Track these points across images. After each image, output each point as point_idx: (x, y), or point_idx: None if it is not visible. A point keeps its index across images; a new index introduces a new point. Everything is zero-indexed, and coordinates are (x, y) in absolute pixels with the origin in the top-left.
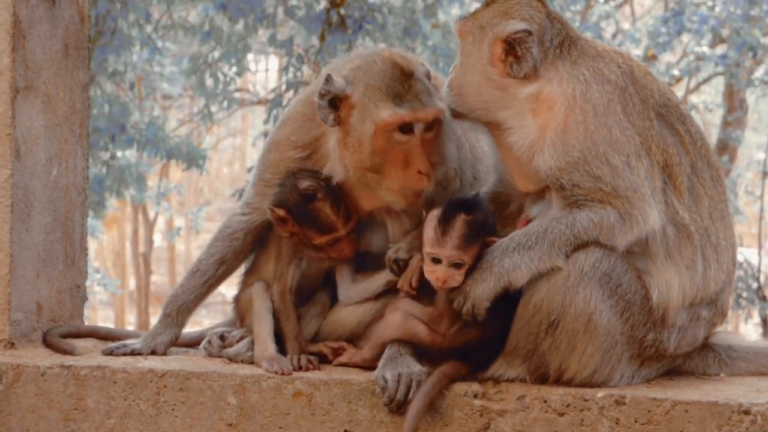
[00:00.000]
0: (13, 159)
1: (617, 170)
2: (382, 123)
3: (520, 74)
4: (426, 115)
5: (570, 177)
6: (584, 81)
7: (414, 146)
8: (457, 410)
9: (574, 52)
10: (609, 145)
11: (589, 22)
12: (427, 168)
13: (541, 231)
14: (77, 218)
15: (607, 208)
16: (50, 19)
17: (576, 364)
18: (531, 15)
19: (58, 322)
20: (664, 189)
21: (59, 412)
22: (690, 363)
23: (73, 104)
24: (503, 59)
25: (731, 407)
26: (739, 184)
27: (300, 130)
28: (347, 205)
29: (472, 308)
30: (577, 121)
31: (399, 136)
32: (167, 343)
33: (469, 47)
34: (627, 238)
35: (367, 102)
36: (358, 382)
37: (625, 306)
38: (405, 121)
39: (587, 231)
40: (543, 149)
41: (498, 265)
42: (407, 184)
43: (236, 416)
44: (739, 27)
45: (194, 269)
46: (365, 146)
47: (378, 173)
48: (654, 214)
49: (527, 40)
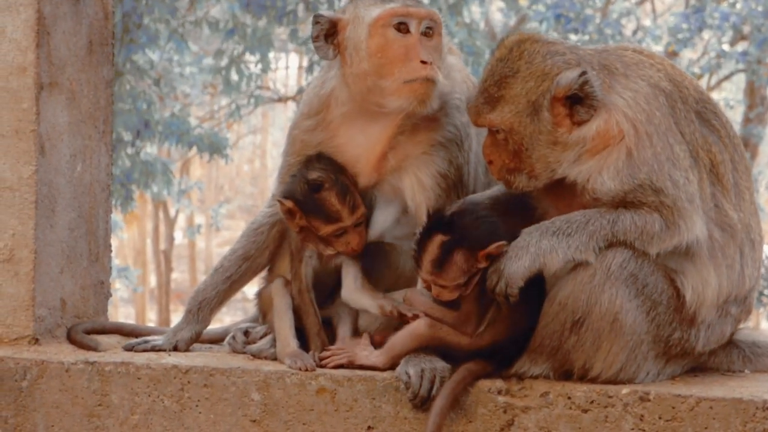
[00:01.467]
0: (37, 155)
1: (678, 184)
2: (374, 20)
3: (590, 115)
4: (419, 12)
5: (634, 195)
6: (645, 99)
7: (413, 42)
8: (480, 406)
9: (618, 63)
10: (672, 162)
11: (610, 19)
12: (428, 57)
13: (583, 221)
14: (101, 214)
15: (654, 214)
16: (74, 15)
17: (601, 363)
18: (563, 56)
19: (82, 319)
20: (713, 192)
21: (83, 408)
22: (714, 359)
23: (97, 101)
24: (569, 113)
25: (756, 404)
26: (761, 181)
27: (310, 102)
28: (354, 196)
29: (505, 287)
30: (645, 146)
31: (395, 33)
32: (188, 339)
33: (522, 128)
34: (663, 246)
35: (359, 12)
36: (381, 378)
37: (651, 306)
38: (397, 13)
39: (627, 232)
40: (602, 174)
41: (535, 245)
42: (411, 75)
43: (260, 412)
44: (760, 24)
45: (218, 266)
46: (362, 51)
47: (380, 77)
48: (699, 223)
49: (586, 81)
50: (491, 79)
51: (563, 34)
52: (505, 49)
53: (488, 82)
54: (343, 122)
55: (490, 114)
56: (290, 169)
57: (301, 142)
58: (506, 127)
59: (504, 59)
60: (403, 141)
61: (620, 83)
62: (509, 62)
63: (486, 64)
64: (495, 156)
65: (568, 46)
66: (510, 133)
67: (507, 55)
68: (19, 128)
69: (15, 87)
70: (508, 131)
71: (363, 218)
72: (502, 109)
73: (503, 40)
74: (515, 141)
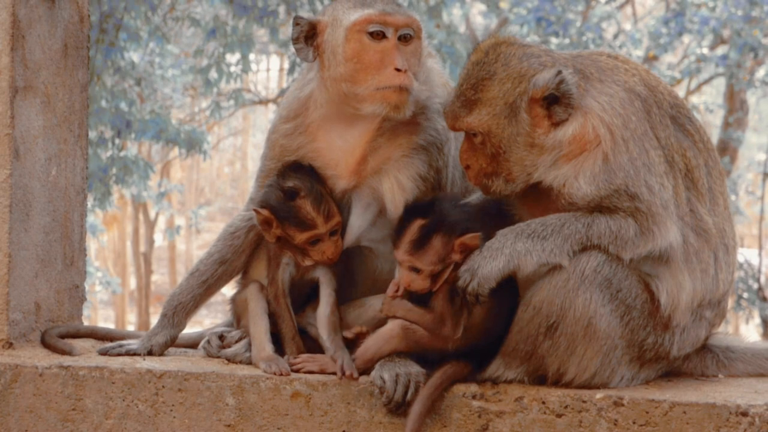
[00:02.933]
0: (12, 159)
1: (653, 190)
2: (350, 25)
3: (568, 114)
4: (395, 19)
5: (609, 200)
6: (620, 103)
7: (389, 48)
8: (455, 411)
9: (593, 68)
10: (647, 168)
11: (590, 23)
12: (403, 64)
13: (558, 224)
14: (76, 218)
15: (628, 219)
16: (50, 18)
17: (575, 367)
18: (538, 58)
19: (57, 322)
20: (689, 197)
21: (57, 413)
22: (688, 364)
23: (72, 104)
24: (547, 114)
25: (729, 409)
26: (740, 185)
27: (290, 105)
28: (330, 205)
29: (477, 287)
30: (621, 151)
31: (370, 40)
32: (163, 344)
33: (500, 130)
34: (637, 252)
35: (337, 15)
36: (356, 383)
37: (625, 310)
38: (373, 20)
39: (601, 236)
40: (578, 179)
41: (510, 247)
42: (384, 82)
43: (234, 417)
44: (739, 28)
45: (193, 269)
46: (339, 55)
47: (354, 82)
48: (673, 229)
49: (562, 80)
50: (468, 83)
51: (544, 38)
52: (481, 53)
53: (465, 86)
54: (322, 125)
55: (468, 117)
56: (269, 173)
57: (281, 147)
58: (484, 130)
59: (480, 62)
60: (382, 143)
61: (595, 88)
62: (485, 65)
63: (462, 68)
64: (472, 160)
65: (543, 50)
66: (488, 136)
67: (483, 59)
68: None
69: None
70: (486, 134)
71: (338, 227)
72: (480, 111)
73: (479, 44)
74: (493, 144)
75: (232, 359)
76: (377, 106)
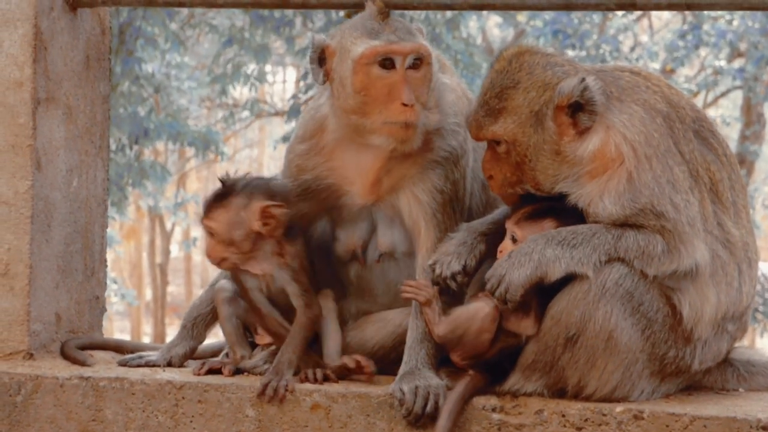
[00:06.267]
0: (33, 170)
1: (679, 208)
2: (358, 57)
3: (593, 121)
4: (402, 48)
5: (636, 219)
6: (641, 121)
7: (397, 81)
8: (475, 424)
9: (613, 87)
10: (672, 185)
11: (607, 35)
12: (410, 99)
13: (589, 233)
14: (97, 230)
15: (656, 236)
16: (72, 30)
17: (596, 381)
18: (562, 66)
19: (77, 334)
20: (715, 212)
21: (77, 424)
22: (709, 378)
23: (94, 116)
24: (573, 122)
25: (750, 422)
26: (757, 198)
27: (305, 125)
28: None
29: (505, 292)
30: (645, 169)
31: (379, 71)
32: (182, 355)
33: (526, 139)
34: (662, 269)
35: (345, 43)
36: (376, 395)
37: (647, 324)
38: (379, 52)
39: (628, 251)
40: (603, 199)
41: (539, 253)
42: (390, 117)
43: (254, 428)
44: (756, 41)
45: (212, 281)
46: (347, 86)
47: (362, 115)
48: (701, 247)
49: (586, 87)
50: (492, 92)
51: (561, 50)
52: (505, 61)
53: (489, 95)
54: (336, 147)
55: (493, 126)
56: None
57: (297, 167)
58: (510, 139)
59: (504, 71)
60: (395, 165)
61: (616, 107)
62: (509, 74)
63: (485, 77)
64: (496, 170)
65: (565, 59)
66: (513, 145)
67: (507, 67)
68: (16, 143)
69: (12, 102)
70: (512, 142)
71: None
72: (505, 120)
73: (501, 53)
74: (518, 152)
75: (252, 371)
76: (384, 139)
